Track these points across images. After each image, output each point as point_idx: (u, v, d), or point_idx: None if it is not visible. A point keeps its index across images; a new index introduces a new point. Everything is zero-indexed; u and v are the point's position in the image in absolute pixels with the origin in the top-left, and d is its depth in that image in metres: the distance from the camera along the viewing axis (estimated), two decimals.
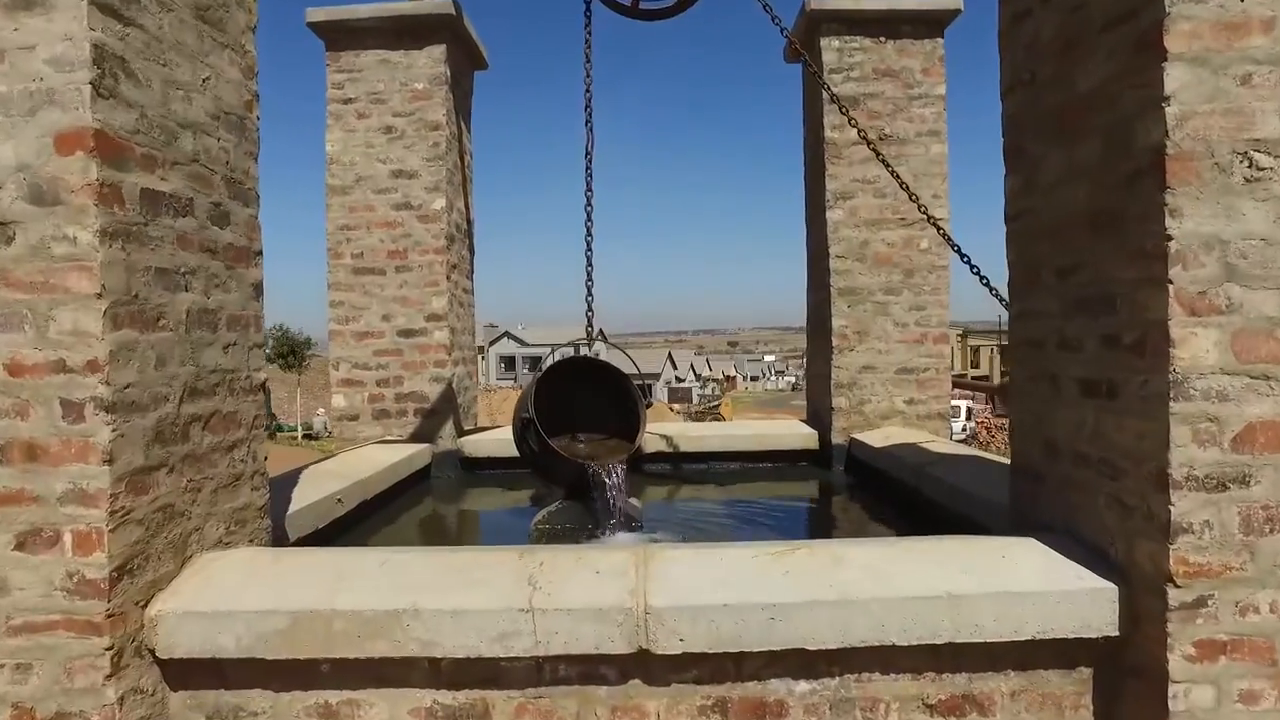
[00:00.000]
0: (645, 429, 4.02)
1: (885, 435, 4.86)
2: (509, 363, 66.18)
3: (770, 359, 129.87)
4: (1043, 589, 2.03)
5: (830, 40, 5.14)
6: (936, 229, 4.17)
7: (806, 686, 2.05)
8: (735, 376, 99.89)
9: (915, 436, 4.72)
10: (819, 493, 5.00)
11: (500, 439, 5.10)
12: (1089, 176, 2.14)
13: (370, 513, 3.95)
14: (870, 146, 4.09)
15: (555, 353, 4.37)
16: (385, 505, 4.18)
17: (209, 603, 2.04)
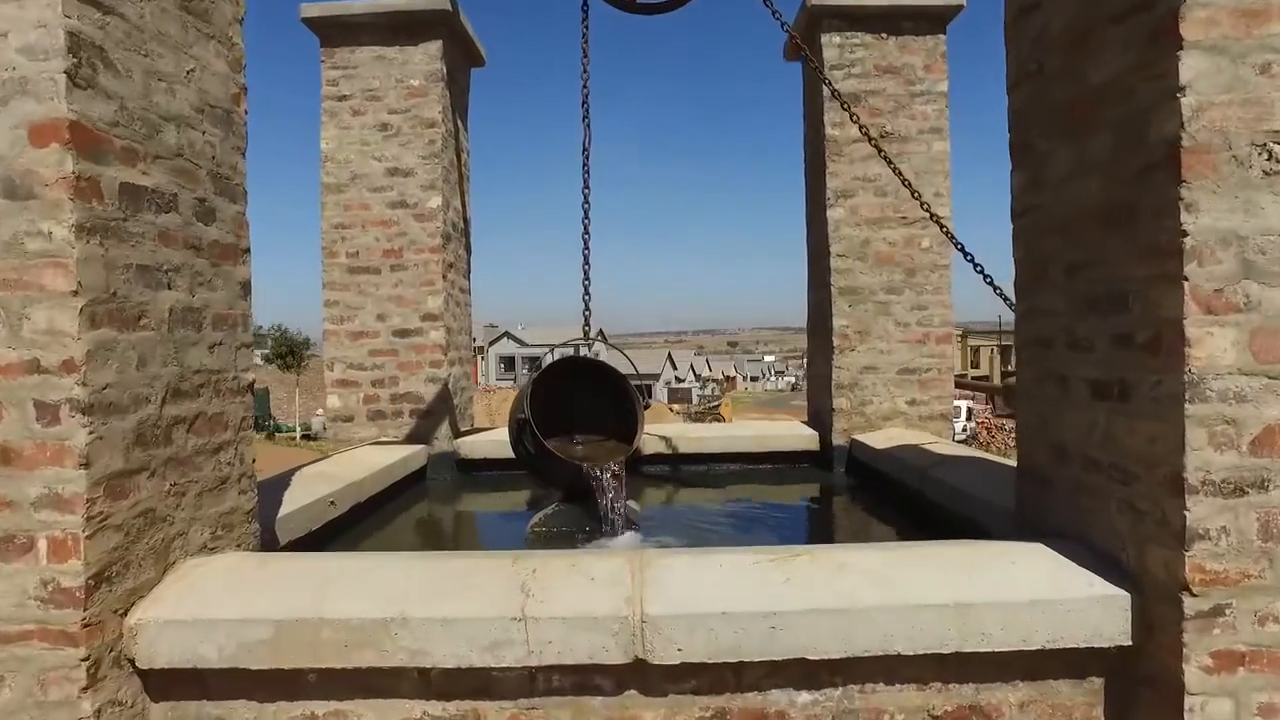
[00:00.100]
0: (643, 430, 3.96)
1: (887, 436, 4.80)
2: (509, 363, 66.11)
3: (770, 359, 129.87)
4: (1052, 596, 1.97)
5: (831, 36, 5.08)
6: (939, 226, 4.11)
7: (808, 697, 1.99)
8: (735, 377, 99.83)
9: (917, 438, 4.65)
10: (820, 495, 4.94)
11: (497, 440, 5.03)
12: (1100, 171, 2.07)
13: (364, 515, 3.88)
14: (872, 143, 4.03)
15: (555, 353, 4.31)
16: (380, 508, 4.12)
17: (191, 611, 1.97)
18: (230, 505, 2.40)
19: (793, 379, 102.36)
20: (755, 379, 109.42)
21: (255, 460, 2.56)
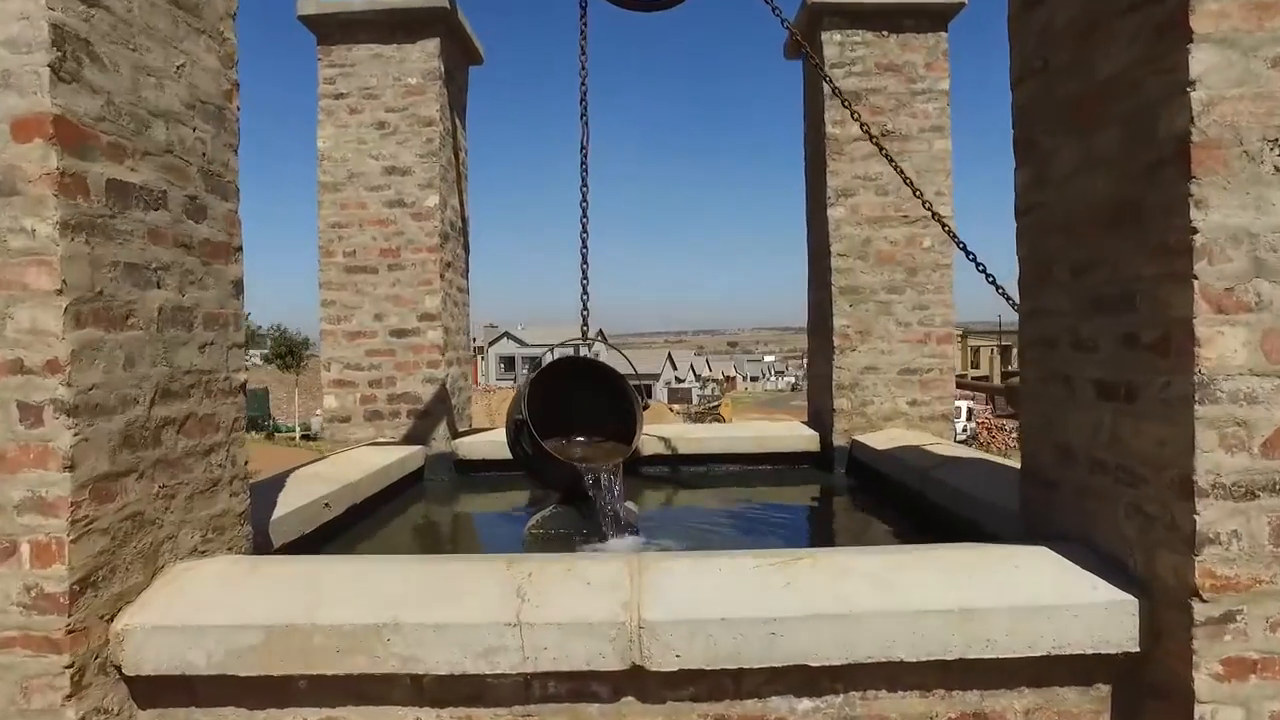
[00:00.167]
0: (642, 430, 3.91)
1: (888, 437, 4.76)
2: (509, 363, 66.02)
3: (770, 359, 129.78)
4: (1058, 601, 1.93)
5: (832, 34, 5.05)
6: (941, 225, 4.07)
7: (809, 704, 1.95)
8: (735, 377, 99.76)
9: (919, 439, 4.61)
10: (820, 496, 4.90)
11: (495, 441, 4.99)
12: (1107, 168, 2.03)
13: (360, 517, 3.85)
14: (873, 141, 3.99)
15: (555, 353, 4.26)
16: (376, 509, 4.08)
17: (180, 616, 1.93)
18: (222, 508, 2.36)
19: (793, 379, 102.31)
20: (755, 379, 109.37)
21: (248, 462, 2.52)
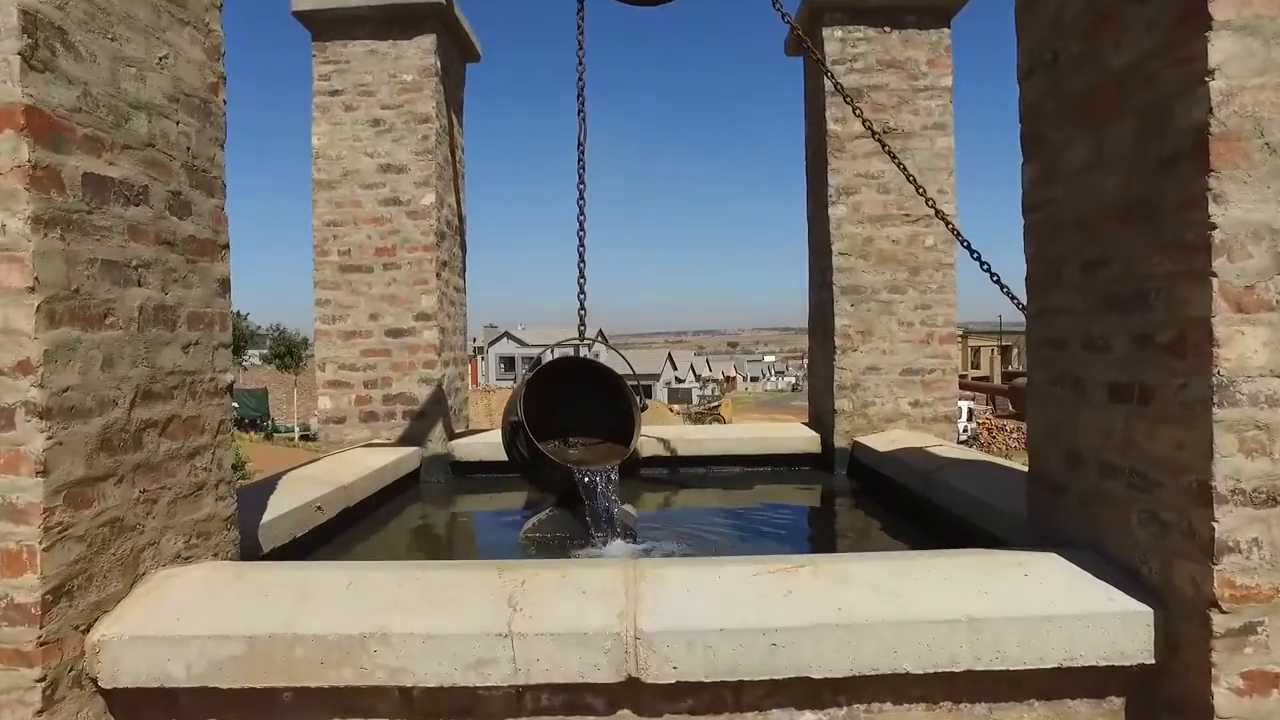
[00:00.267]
0: (640, 432, 3.85)
1: (890, 439, 4.69)
2: (509, 363, 65.90)
3: (770, 359, 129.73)
4: (1070, 611, 1.86)
5: (833, 30, 4.98)
6: (945, 223, 4.00)
7: (811, 718, 1.88)
8: (735, 377, 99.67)
9: (921, 440, 4.55)
10: (821, 499, 4.83)
11: (492, 443, 4.92)
12: (1120, 162, 1.96)
13: (354, 520, 3.78)
14: (875, 137, 3.92)
15: (554, 353, 4.19)
16: (371, 512, 4.01)
17: (160, 626, 1.87)
18: (207, 512, 2.29)
19: (793, 379, 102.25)
20: (755, 379, 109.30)
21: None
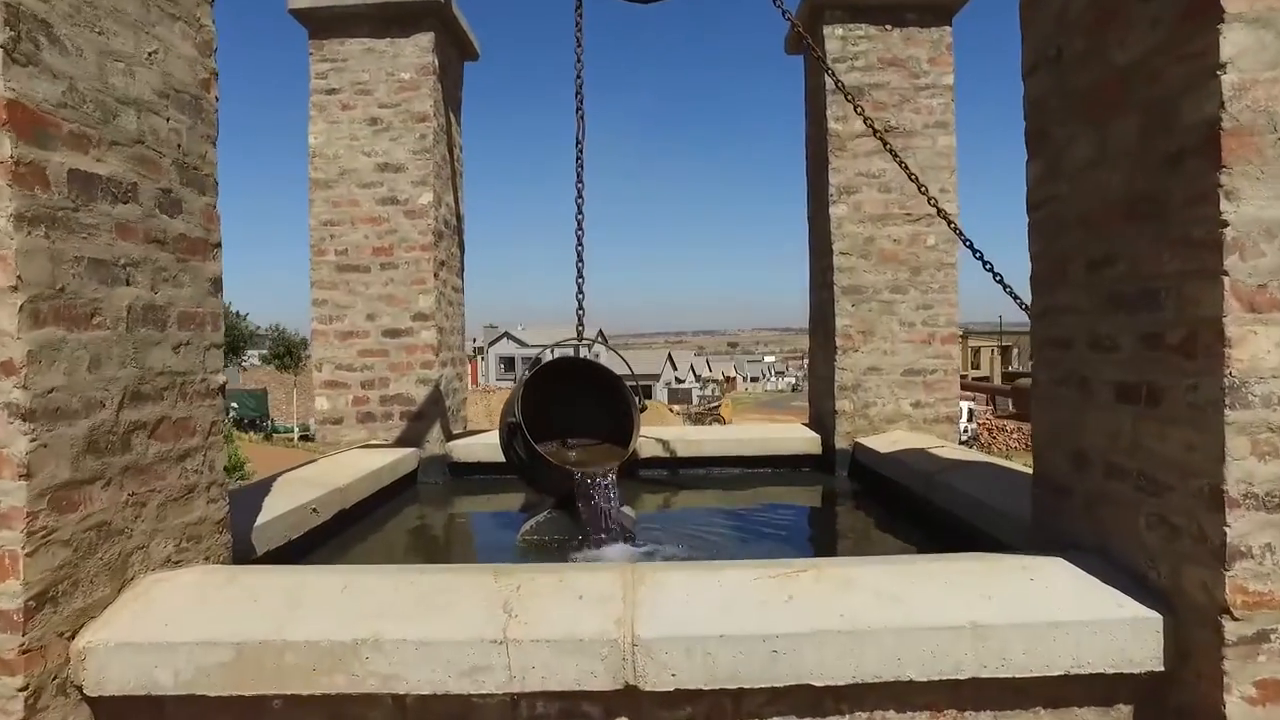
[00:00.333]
0: (639, 433, 3.81)
1: (891, 440, 4.65)
2: (508, 363, 65.84)
3: (770, 360, 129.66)
4: (1076, 617, 1.82)
5: (834, 28, 4.94)
6: (947, 222, 3.96)
7: None
8: (735, 377, 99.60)
9: (923, 441, 4.50)
10: (822, 501, 4.79)
11: (490, 444, 4.87)
12: (1126, 159, 1.93)
13: (351, 522, 3.74)
14: (877, 135, 3.88)
15: (554, 353, 4.15)
16: (369, 513, 3.98)
17: (147, 632, 1.83)
18: (198, 515, 2.25)
19: (793, 380, 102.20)
20: (755, 380, 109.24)
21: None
